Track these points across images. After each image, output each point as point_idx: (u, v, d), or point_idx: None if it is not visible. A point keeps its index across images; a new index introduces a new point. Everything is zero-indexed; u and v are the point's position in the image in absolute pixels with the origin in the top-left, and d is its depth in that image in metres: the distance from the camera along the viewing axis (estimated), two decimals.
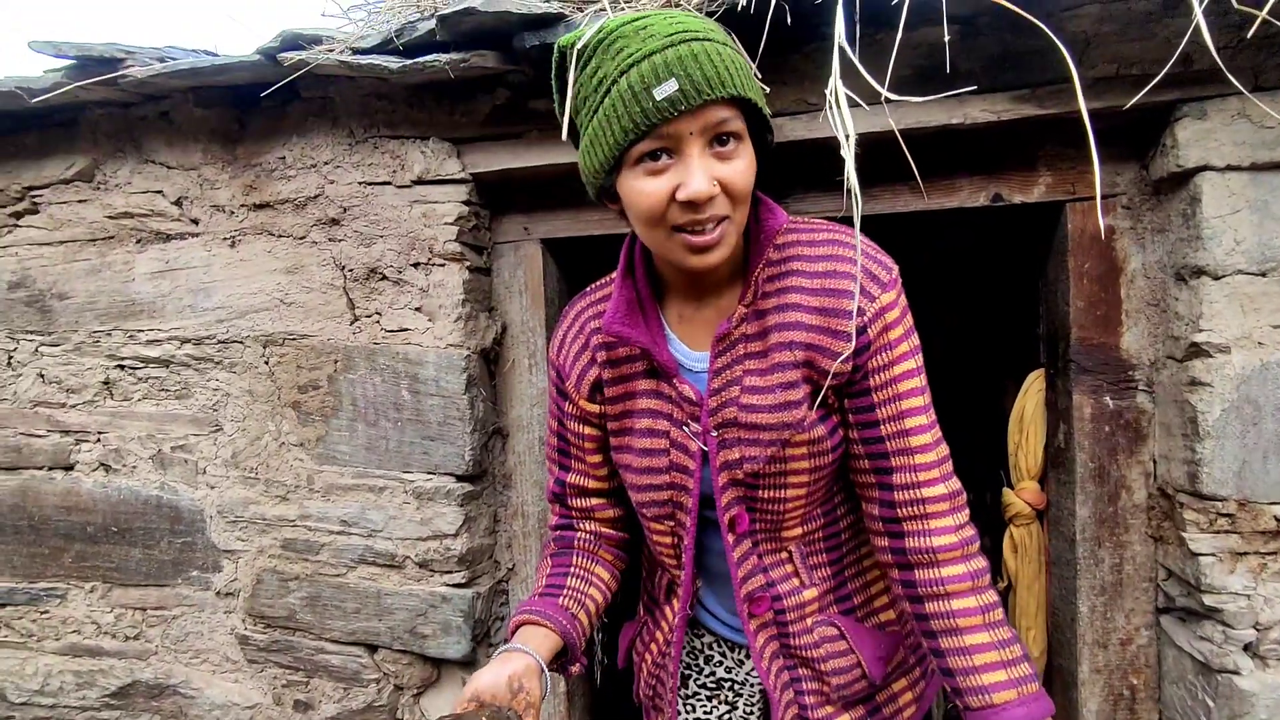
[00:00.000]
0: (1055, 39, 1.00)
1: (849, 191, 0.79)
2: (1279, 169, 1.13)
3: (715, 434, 0.96)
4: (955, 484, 0.94)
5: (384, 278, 1.52)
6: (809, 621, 1.02)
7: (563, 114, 0.90)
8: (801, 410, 0.93)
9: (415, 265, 1.50)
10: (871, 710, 1.05)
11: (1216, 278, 1.16)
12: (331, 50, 1.34)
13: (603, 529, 1.12)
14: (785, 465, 0.95)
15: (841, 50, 0.93)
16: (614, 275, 1.05)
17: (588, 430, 1.07)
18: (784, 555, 1.02)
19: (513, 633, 0.99)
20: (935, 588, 0.91)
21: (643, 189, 0.84)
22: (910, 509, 0.93)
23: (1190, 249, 1.19)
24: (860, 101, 0.88)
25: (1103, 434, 1.33)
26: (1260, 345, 1.14)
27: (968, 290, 2.13)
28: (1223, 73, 1.17)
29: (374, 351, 1.52)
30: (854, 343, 0.90)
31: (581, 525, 1.12)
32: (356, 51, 1.35)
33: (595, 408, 1.05)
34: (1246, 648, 1.14)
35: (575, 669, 1.04)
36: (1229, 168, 1.15)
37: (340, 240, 1.53)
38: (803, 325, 0.92)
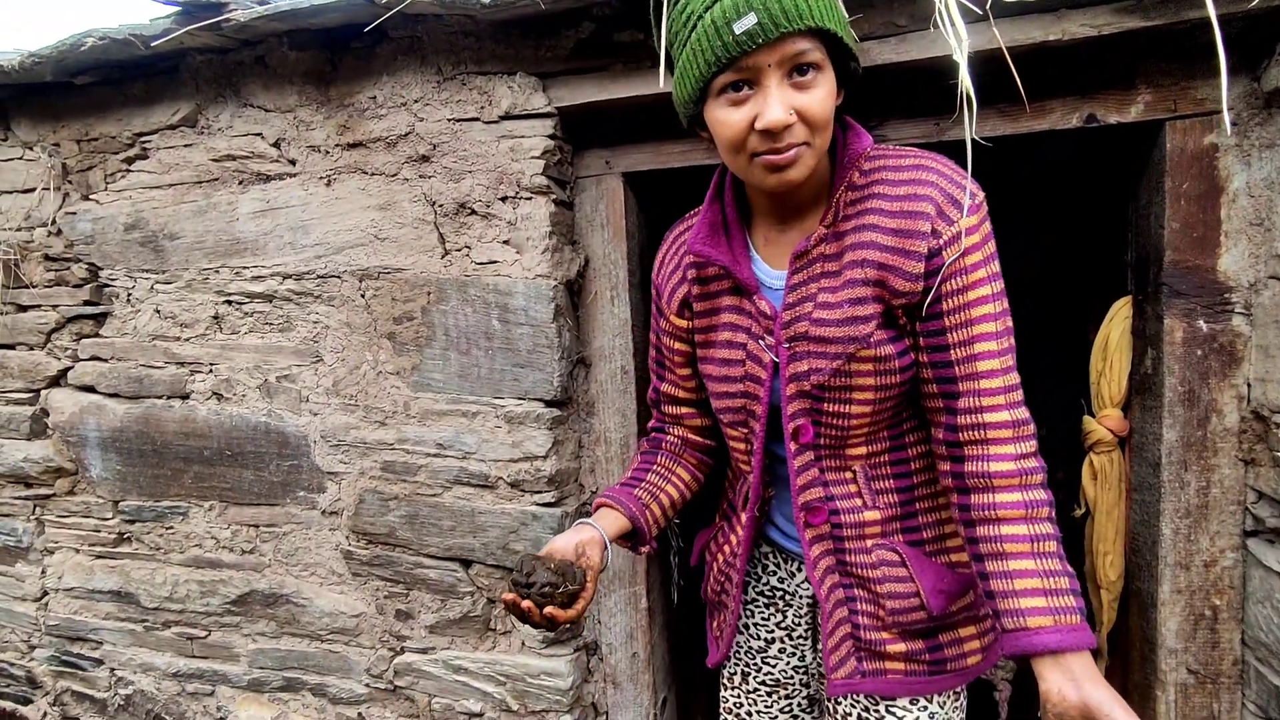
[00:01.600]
0: None
1: (962, 94, 0.80)
2: None
3: (787, 346, 1.02)
4: (1022, 413, 0.95)
5: (473, 212, 1.57)
6: (869, 543, 1.06)
7: (660, 49, 0.97)
8: (869, 326, 0.96)
9: (503, 199, 1.55)
10: (932, 647, 1.06)
11: None
12: None
13: (689, 435, 1.25)
14: (851, 380, 0.98)
15: None
16: (707, 202, 1.11)
17: (677, 345, 1.19)
18: (848, 474, 1.06)
19: (594, 511, 1.15)
20: (987, 512, 0.93)
21: (725, 119, 0.91)
22: (972, 433, 0.95)
23: None
24: (973, 6, 0.88)
25: (1194, 358, 1.31)
26: None
27: (1064, 208, 2.08)
28: None
29: (465, 283, 1.58)
30: (935, 258, 0.92)
31: (671, 430, 1.26)
32: None
33: (684, 323, 1.16)
34: None
35: (645, 549, 1.17)
36: None
37: (430, 177, 1.59)
38: (877, 245, 0.95)
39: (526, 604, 0.96)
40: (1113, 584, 1.50)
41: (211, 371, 1.82)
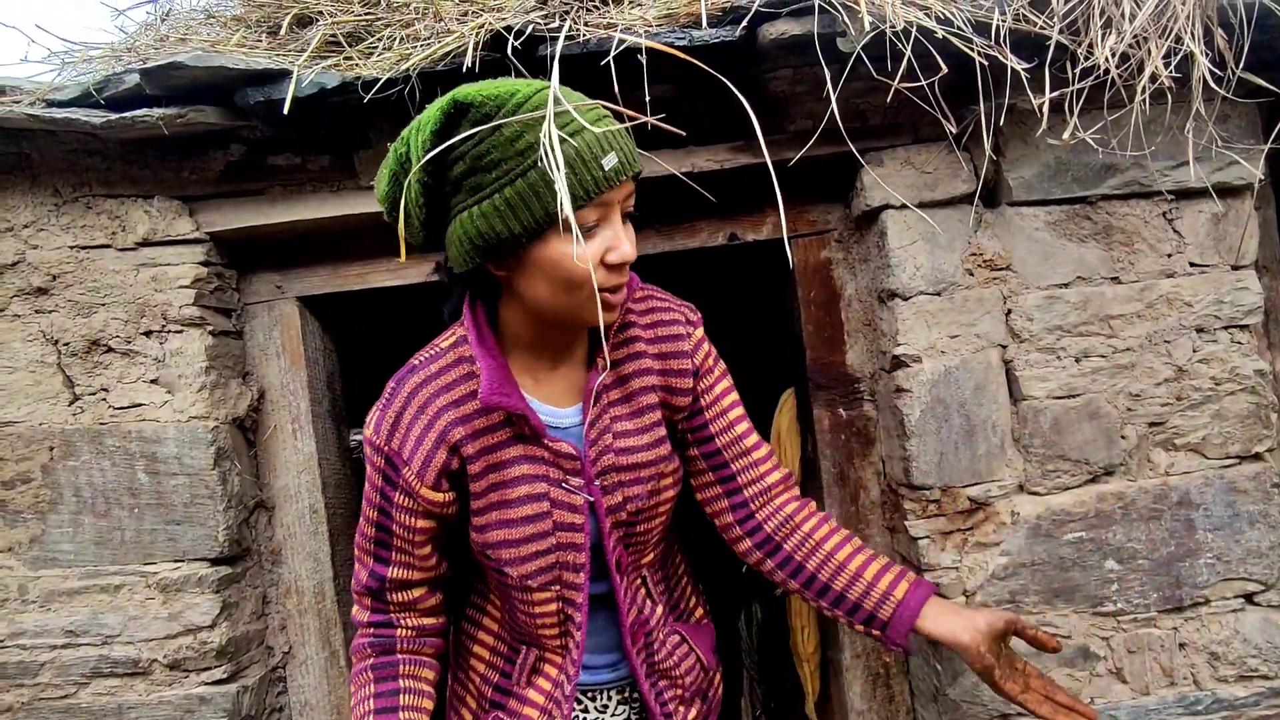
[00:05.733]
0: (742, 100, 1.12)
1: (563, 221, 0.84)
2: (939, 206, 1.35)
3: (597, 482, 1.00)
4: (784, 469, 1.13)
5: (109, 350, 1.36)
6: (661, 635, 1.10)
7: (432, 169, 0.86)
8: (667, 445, 1.05)
9: (147, 334, 1.37)
10: (704, 700, 1.15)
11: (905, 298, 1.36)
12: (18, 102, 1.20)
13: (424, 620, 1.05)
14: (659, 497, 1.05)
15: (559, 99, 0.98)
16: (440, 345, 1.02)
17: (422, 524, 0.99)
18: (638, 582, 1.09)
19: None
20: (807, 545, 1.07)
21: (578, 254, 0.87)
22: (760, 500, 1.10)
23: (885, 275, 1.39)
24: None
25: (840, 442, 1.49)
26: (942, 353, 1.35)
27: (735, 317, 2.31)
28: (893, 127, 1.39)
29: (100, 433, 1.35)
30: (692, 379, 1.06)
31: (402, 621, 1.04)
32: (52, 104, 1.22)
33: (440, 496, 0.98)
34: None
35: None
36: (904, 206, 1.35)
37: (51, 311, 1.36)
38: (654, 370, 1.04)
39: None
40: (810, 655, 1.60)
41: None
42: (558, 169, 0.80)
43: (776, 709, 2.05)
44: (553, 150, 0.80)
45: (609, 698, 1.13)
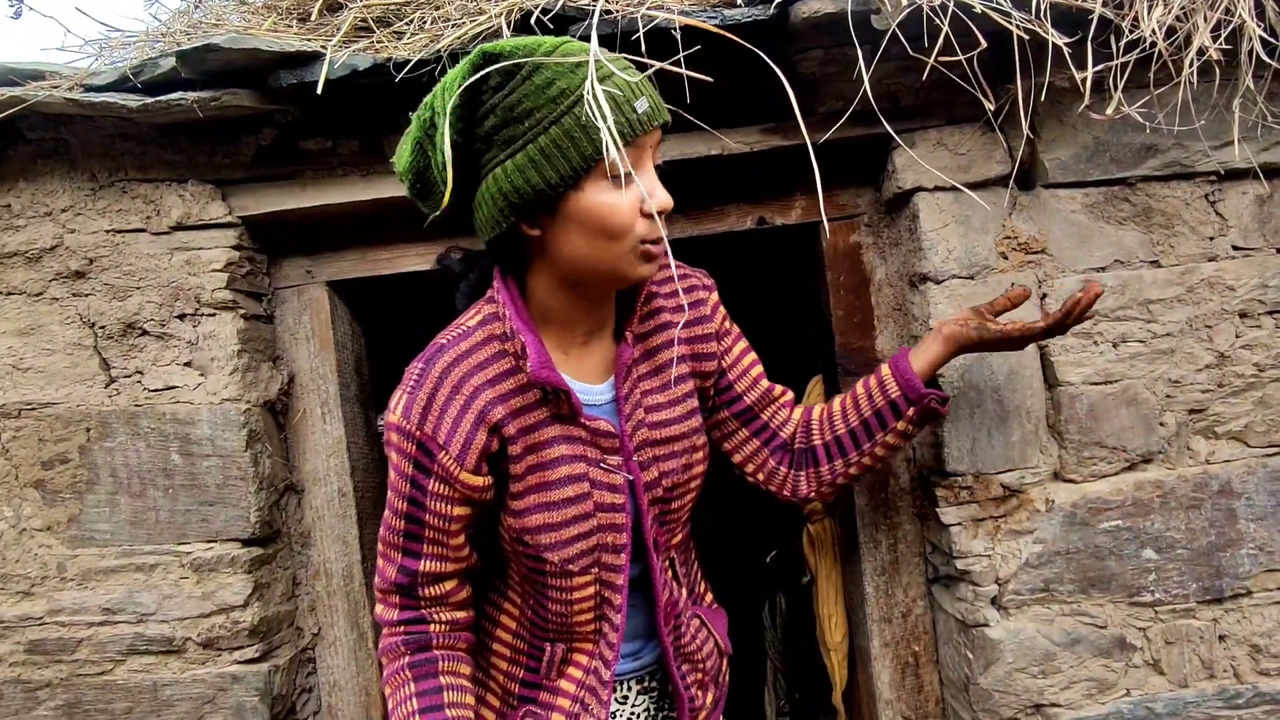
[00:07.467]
0: (781, 77, 1.11)
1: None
2: (973, 188, 1.33)
3: (635, 458, 0.99)
4: (800, 405, 1.20)
5: (144, 333, 1.38)
6: (684, 619, 1.09)
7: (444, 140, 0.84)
8: (698, 417, 1.06)
9: (181, 317, 1.38)
10: (716, 685, 1.15)
11: (938, 282, 1.33)
12: (57, 87, 1.21)
13: (456, 614, 1.00)
14: (691, 471, 1.05)
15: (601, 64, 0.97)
16: (467, 324, 0.98)
17: (457, 511, 0.94)
18: (666, 563, 1.08)
19: None
20: (822, 424, 1.15)
21: (614, 201, 0.86)
22: (791, 437, 1.15)
23: (916, 259, 1.37)
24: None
25: None
26: None
27: (762, 301, 2.29)
28: (925, 107, 1.36)
29: (135, 414, 1.37)
30: (718, 342, 1.08)
31: (435, 616, 0.99)
32: (90, 89, 1.23)
33: (479, 481, 0.93)
34: (992, 601, 1.30)
35: None
36: (937, 189, 1.33)
37: (88, 295, 1.38)
38: (683, 340, 1.04)
39: None
40: (838, 645, 1.59)
41: None
42: (599, 110, 0.80)
43: (801, 700, 2.03)
44: (595, 96, 0.80)
45: (629, 688, 1.12)
